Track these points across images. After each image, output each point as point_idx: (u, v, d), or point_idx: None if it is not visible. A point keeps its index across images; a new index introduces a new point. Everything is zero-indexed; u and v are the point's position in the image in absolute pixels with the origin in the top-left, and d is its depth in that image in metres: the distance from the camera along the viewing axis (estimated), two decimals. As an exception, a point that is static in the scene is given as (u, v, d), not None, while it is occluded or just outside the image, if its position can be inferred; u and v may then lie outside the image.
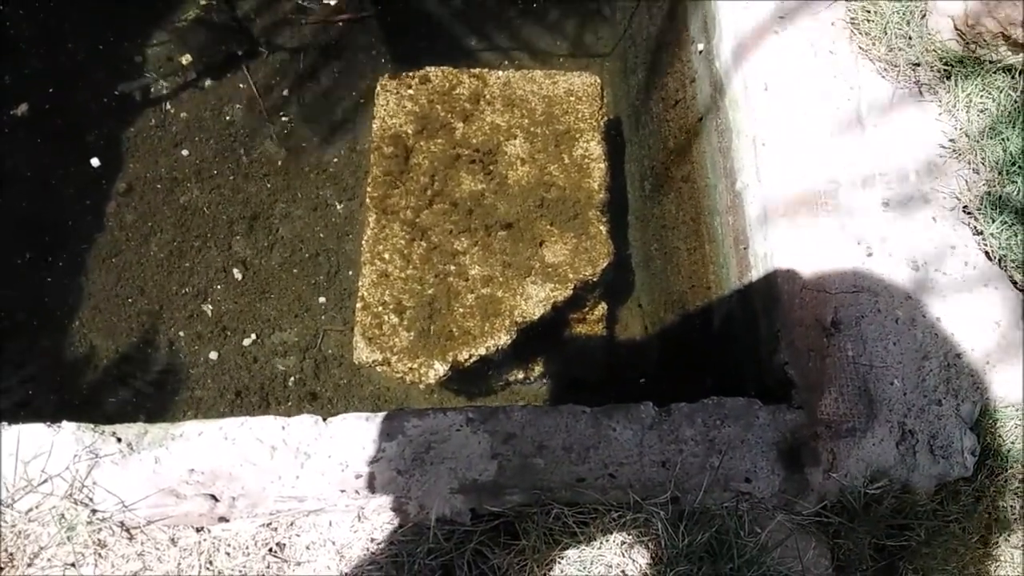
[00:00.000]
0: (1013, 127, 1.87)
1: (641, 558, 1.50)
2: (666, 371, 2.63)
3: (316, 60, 3.08)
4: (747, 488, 1.58)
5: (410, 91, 2.53)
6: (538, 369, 2.65)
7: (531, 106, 2.53)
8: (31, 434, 1.52)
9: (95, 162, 2.83)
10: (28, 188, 2.75)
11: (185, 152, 2.91)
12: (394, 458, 1.55)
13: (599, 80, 2.60)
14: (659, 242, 2.69)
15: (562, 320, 2.56)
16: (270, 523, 1.53)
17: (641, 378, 2.76)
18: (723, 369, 2.10)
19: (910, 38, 1.99)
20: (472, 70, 2.59)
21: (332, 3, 3.10)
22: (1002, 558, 1.63)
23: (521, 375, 2.64)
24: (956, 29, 1.95)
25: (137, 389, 2.63)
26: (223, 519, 1.52)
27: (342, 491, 1.53)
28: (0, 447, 1.50)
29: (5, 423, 1.53)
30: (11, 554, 1.43)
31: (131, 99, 2.91)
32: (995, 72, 1.94)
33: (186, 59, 2.95)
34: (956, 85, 1.94)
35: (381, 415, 1.60)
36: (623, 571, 1.49)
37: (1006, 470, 1.66)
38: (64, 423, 1.54)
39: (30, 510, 1.46)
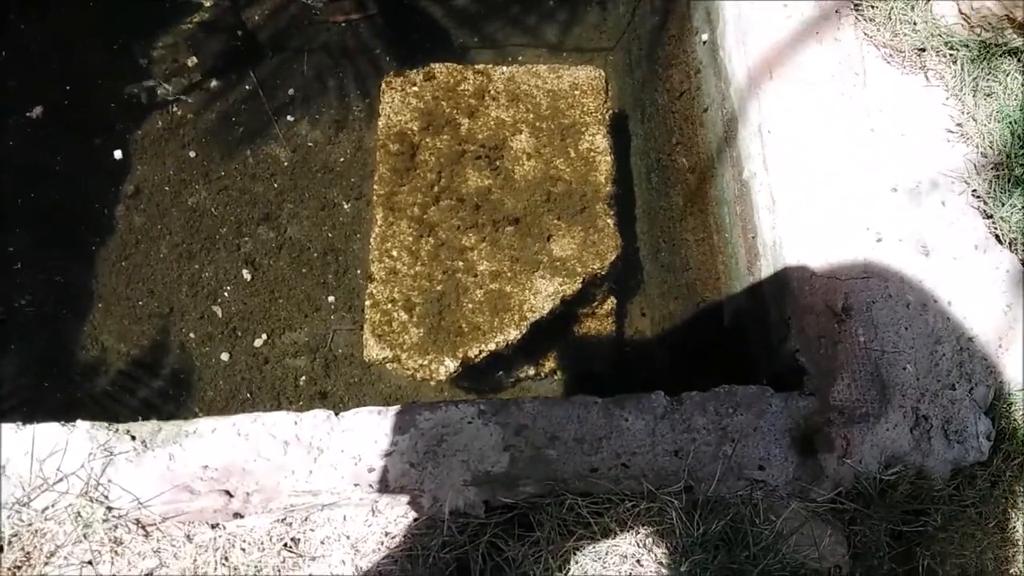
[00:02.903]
0: (1021, 110, 1.86)
1: (656, 547, 1.49)
2: (677, 361, 2.63)
3: (321, 60, 3.09)
4: (761, 476, 1.58)
5: (415, 88, 2.53)
6: (548, 364, 2.65)
7: (536, 101, 2.53)
8: (46, 433, 1.53)
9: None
10: (37, 188, 2.77)
11: (192, 154, 2.92)
12: (407, 451, 1.56)
13: (603, 73, 2.60)
14: (667, 233, 2.68)
15: (571, 314, 2.56)
16: (284, 518, 1.53)
17: (653, 371, 2.76)
18: (734, 358, 2.09)
19: (915, 23, 1.98)
20: (476, 66, 2.59)
21: (336, 1, 3.10)
22: (1020, 542, 1.62)
23: (531, 370, 2.64)
24: (961, 13, 1.95)
25: (148, 391, 2.64)
26: (238, 515, 1.52)
27: (355, 485, 1.54)
28: (0, 449, 1.51)
29: (19, 422, 1.54)
30: (28, 552, 1.44)
31: (138, 102, 2.92)
32: (1001, 55, 1.93)
33: (192, 61, 2.95)
34: (962, 69, 1.94)
35: (393, 409, 1.60)
36: (638, 561, 1.49)
37: (1022, 454, 1.65)
38: (79, 422, 1.55)
39: (46, 508, 1.47)
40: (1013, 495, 1.62)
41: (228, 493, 1.51)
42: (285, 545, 1.51)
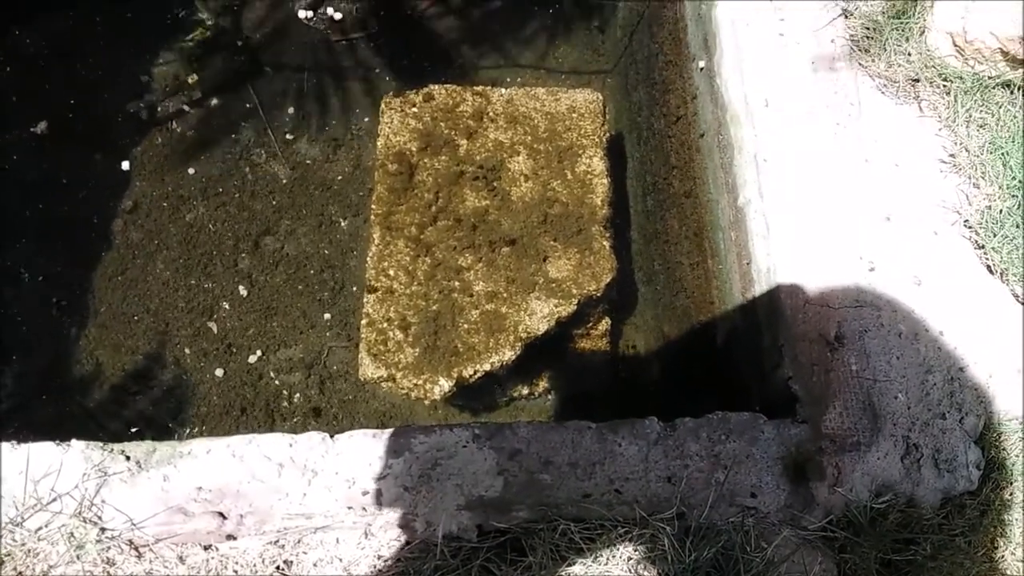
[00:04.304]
0: (1013, 142, 1.88)
1: (648, 574, 1.50)
2: (670, 384, 2.64)
3: (320, 78, 3.11)
4: (753, 503, 1.59)
5: (414, 109, 2.55)
6: (543, 384, 2.66)
7: (534, 123, 2.55)
8: (40, 452, 1.53)
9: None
10: (41, 202, 2.78)
11: (191, 170, 2.93)
12: (401, 475, 1.56)
13: (601, 97, 2.63)
14: (662, 257, 2.70)
15: (566, 336, 2.57)
16: (277, 540, 1.53)
17: (646, 394, 2.76)
18: (727, 384, 2.10)
19: (909, 54, 2.01)
20: (475, 87, 2.62)
21: (337, 21, 3.12)
22: (1008, 572, 1.63)
23: (526, 391, 2.64)
24: (955, 45, 1.97)
25: (143, 406, 2.64)
26: (231, 537, 1.52)
27: (349, 508, 1.54)
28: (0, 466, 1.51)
29: (14, 441, 1.54)
30: (21, 573, 1.44)
31: (138, 118, 2.94)
32: (994, 87, 1.96)
33: (192, 78, 2.98)
34: (955, 100, 1.96)
35: (388, 432, 1.60)
36: (630, 587, 1.49)
37: (1011, 483, 1.66)
38: (73, 441, 1.55)
39: (39, 528, 1.47)
40: (1002, 525, 1.63)
41: (222, 515, 1.52)
42: (278, 567, 1.51)
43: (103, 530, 1.48)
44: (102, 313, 2.73)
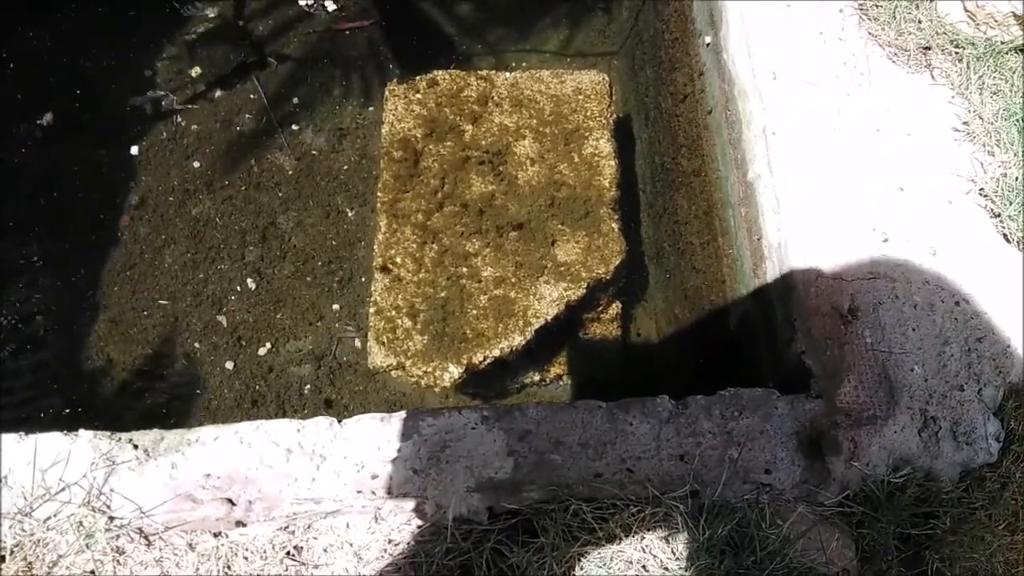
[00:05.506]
0: (1028, 108, 1.84)
1: (662, 553, 1.48)
2: (683, 365, 2.61)
3: (324, 68, 3.10)
4: (767, 479, 1.56)
5: (418, 95, 2.53)
6: (553, 370, 2.64)
7: (539, 106, 2.52)
8: (48, 442, 1.52)
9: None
10: (48, 195, 2.79)
11: (197, 164, 2.93)
12: (410, 458, 1.55)
13: (607, 78, 2.60)
14: (672, 237, 2.67)
15: (576, 320, 2.55)
16: (287, 526, 1.52)
17: (658, 376, 2.74)
18: (740, 362, 2.07)
19: (919, 22, 1.97)
20: (479, 72, 2.59)
21: (339, 10, 3.11)
22: (1031, 545, 1.59)
23: (536, 376, 2.63)
24: (966, 11, 1.93)
25: (154, 400, 2.64)
26: (240, 523, 1.51)
27: (358, 492, 1.53)
28: (1, 459, 1.51)
29: (22, 432, 1.54)
30: (30, 563, 1.44)
31: (142, 112, 2.94)
32: (1007, 53, 1.92)
33: (196, 71, 2.97)
34: (968, 67, 1.92)
35: (396, 415, 1.59)
36: (644, 566, 1.47)
37: (1032, 455, 1.63)
38: (81, 431, 1.54)
39: (48, 518, 1.46)
40: (1023, 497, 1.60)
41: (230, 501, 1.51)
42: (288, 553, 1.50)
43: (112, 519, 1.47)
44: (112, 307, 2.73)
